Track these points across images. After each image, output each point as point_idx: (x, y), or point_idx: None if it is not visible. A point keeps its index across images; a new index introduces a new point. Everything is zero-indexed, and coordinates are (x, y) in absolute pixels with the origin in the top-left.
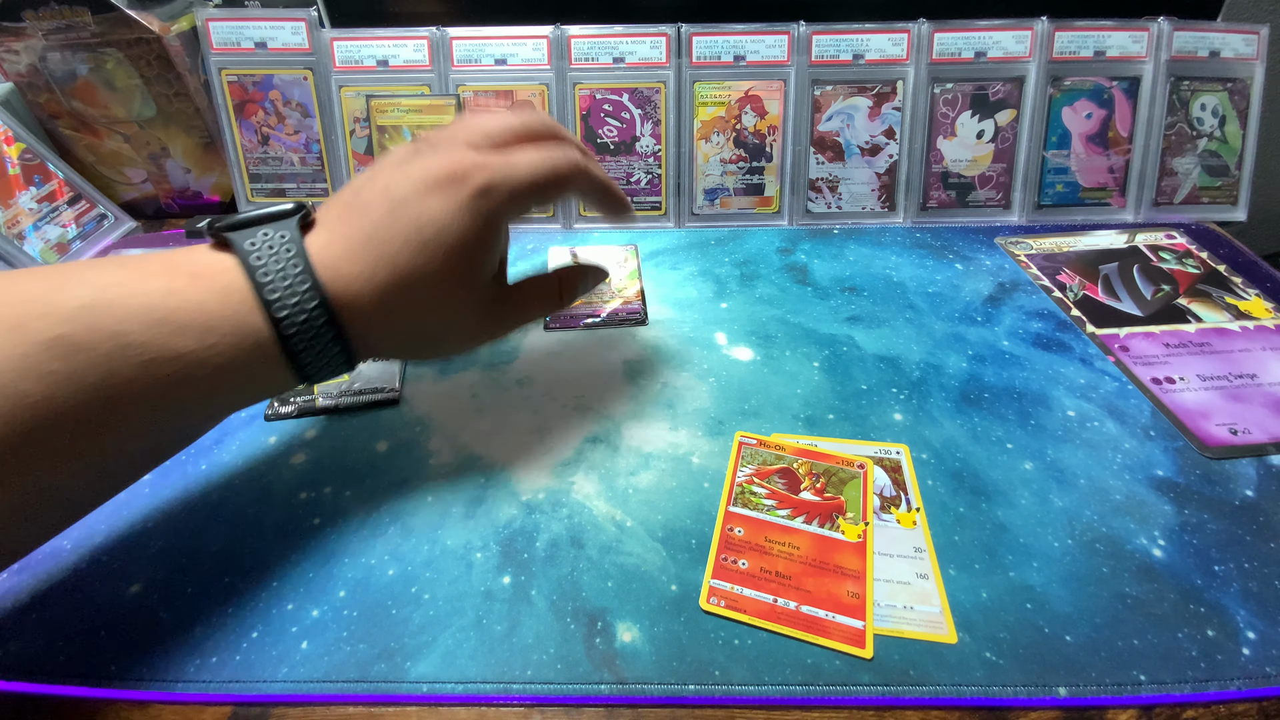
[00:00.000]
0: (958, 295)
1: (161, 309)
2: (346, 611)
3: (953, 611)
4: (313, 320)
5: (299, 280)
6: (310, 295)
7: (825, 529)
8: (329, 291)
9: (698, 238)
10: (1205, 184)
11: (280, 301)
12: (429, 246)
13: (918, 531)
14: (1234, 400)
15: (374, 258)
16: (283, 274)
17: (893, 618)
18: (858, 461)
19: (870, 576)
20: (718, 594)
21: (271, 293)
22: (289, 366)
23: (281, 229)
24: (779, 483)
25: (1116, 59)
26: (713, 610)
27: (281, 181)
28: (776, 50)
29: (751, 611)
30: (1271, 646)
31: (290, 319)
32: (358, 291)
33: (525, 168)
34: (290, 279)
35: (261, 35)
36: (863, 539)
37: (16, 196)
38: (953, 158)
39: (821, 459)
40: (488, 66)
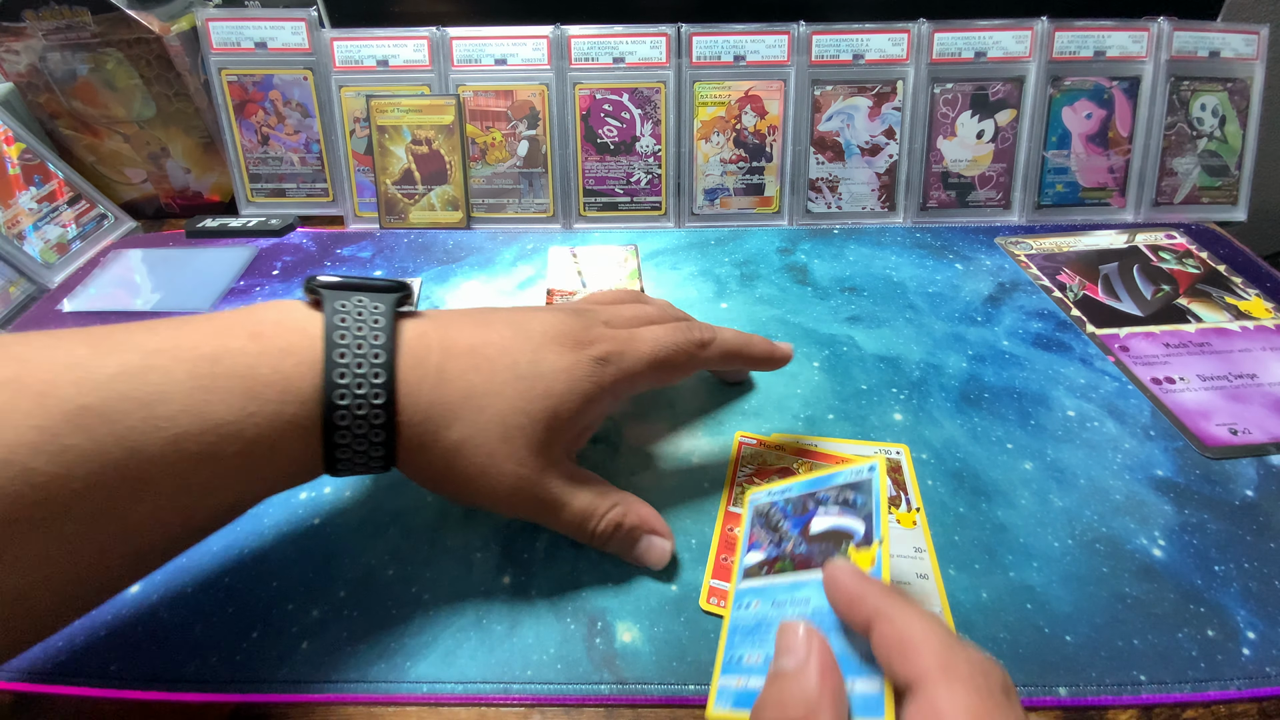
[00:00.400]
0: (958, 295)
1: (206, 374)
2: (346, 611)
3: (952, 611)
4: (370, 403)
5: (374, 356)
6: (379, 373)
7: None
8: (402, 383)
9: (698, 238)
10: (1205, 184)
11: (345, 369)
12: (534, 381)
13: (918, 531)
14: (1234, 400)
15: (469, 366)
16: (360, 346)
17: None
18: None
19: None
20: (718, 594)
21: (340, 359)
22: (320, 452)
23: (378, 301)
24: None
25: (1116, 59)
26: (713, 610)
27: (281, 181)
28: (776, 50)
29: None
30: (1271, 646)
31: (347, 392)
32: (431, 389)
33: (647, 345)
34: (366, 353)
35: (261, 35)
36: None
37: (16, 196)
38: (953, 158)
39: (821, 459)
40: (488, 66)
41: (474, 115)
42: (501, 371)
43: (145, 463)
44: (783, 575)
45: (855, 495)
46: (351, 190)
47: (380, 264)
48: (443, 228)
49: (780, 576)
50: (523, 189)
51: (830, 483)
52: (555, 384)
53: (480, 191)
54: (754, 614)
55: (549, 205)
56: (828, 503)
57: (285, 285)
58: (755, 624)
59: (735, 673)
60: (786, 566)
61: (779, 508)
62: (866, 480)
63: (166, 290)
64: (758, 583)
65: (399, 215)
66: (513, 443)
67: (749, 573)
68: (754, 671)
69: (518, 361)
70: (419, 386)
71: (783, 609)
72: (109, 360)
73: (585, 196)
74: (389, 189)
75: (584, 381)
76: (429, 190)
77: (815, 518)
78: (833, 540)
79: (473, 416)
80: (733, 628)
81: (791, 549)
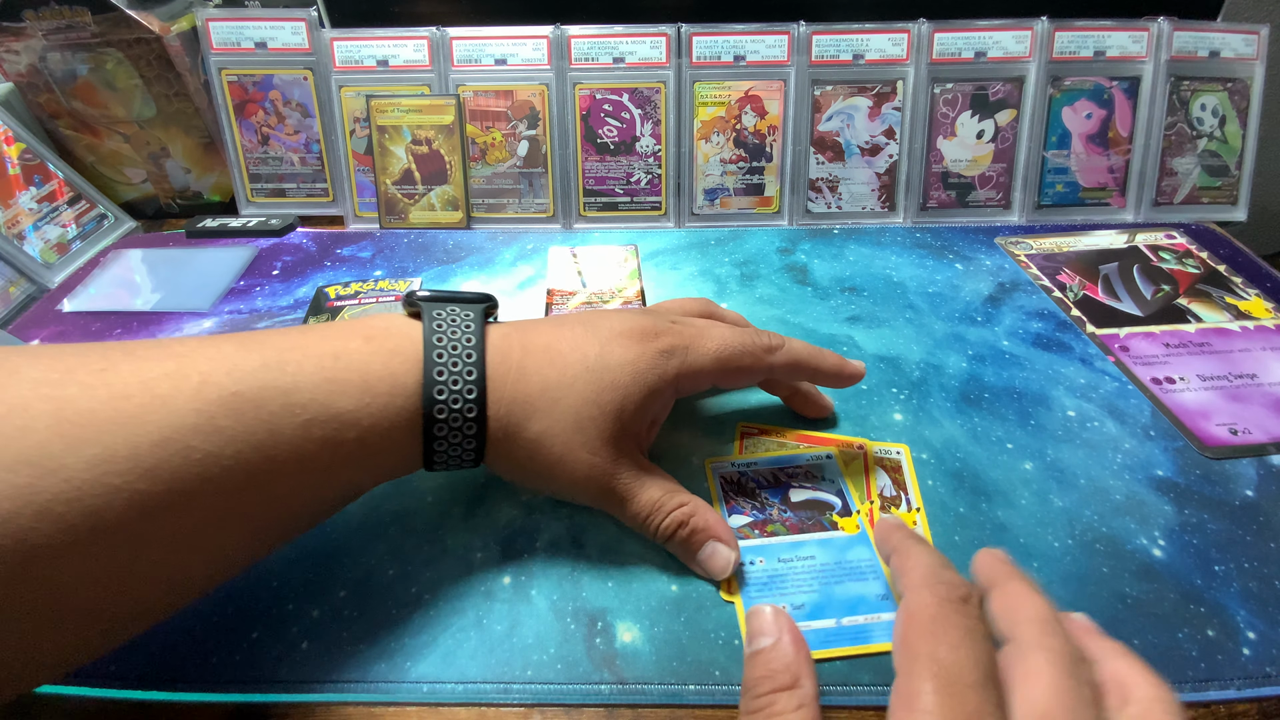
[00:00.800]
0: (958, 295)
1: (330, 369)
2: (346, 611)
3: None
4: (463, 395)
5: (467, 356)
6: (471, 373)
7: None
8: (488, 382)
9: (698, 238)
10: (1205, 184)
11: (442, 367)
12: (603, 373)
13: (918, 531)
14: (1234, 400)
15: (544, 361)
16: (455, 348)
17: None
18: (857, 443)
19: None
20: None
21: (438, 359)
22: (421, 446)
23: (468, 310)
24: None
25: (1116, 59)
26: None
27: (281, 181)
28: (776, 50)
29: None
30: (1271, 646)
31: (444, 386)
32: (512, 384)
33: (714, 343)
34: (460, 355)
35: (261, 35)
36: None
37: (16, 196)
38: (953, 158)
39: (822, 443)
40: (488, 66)
41: (474, 115)
42: (573, 365)
43: (281, 444)
44: (777, 537)
45: (822, 473)
46: (351, 190)
47: (380, 264)
48: (443, 228)
49: (775, 538)
50: (523, 189)
51: (794, 462)
52: (621, 376)
53: (480, 191)
54: (763, 569)
55: (549, 205)
56: (798, 477)
57: (285, 285)
58: (768, 579)
59: None
60: (780, 530)
61: (749, 478)
62: (828, 463)
63: (166, 290)
64: (754, 543)
65: (399, 215)
66: (585, 432)
67: (740, 534)
68: None
69: (587, 355)
70: (503, 383)
71: (790, 564)
72: (253, 355)
73: (585, 196)
74: (389, 189)
75: (648, 373)
76: (429, 190)
77: (792, 489)
78: (816, 509)
79: (549, 409)
80: (745, 583)
81: (778, 514)
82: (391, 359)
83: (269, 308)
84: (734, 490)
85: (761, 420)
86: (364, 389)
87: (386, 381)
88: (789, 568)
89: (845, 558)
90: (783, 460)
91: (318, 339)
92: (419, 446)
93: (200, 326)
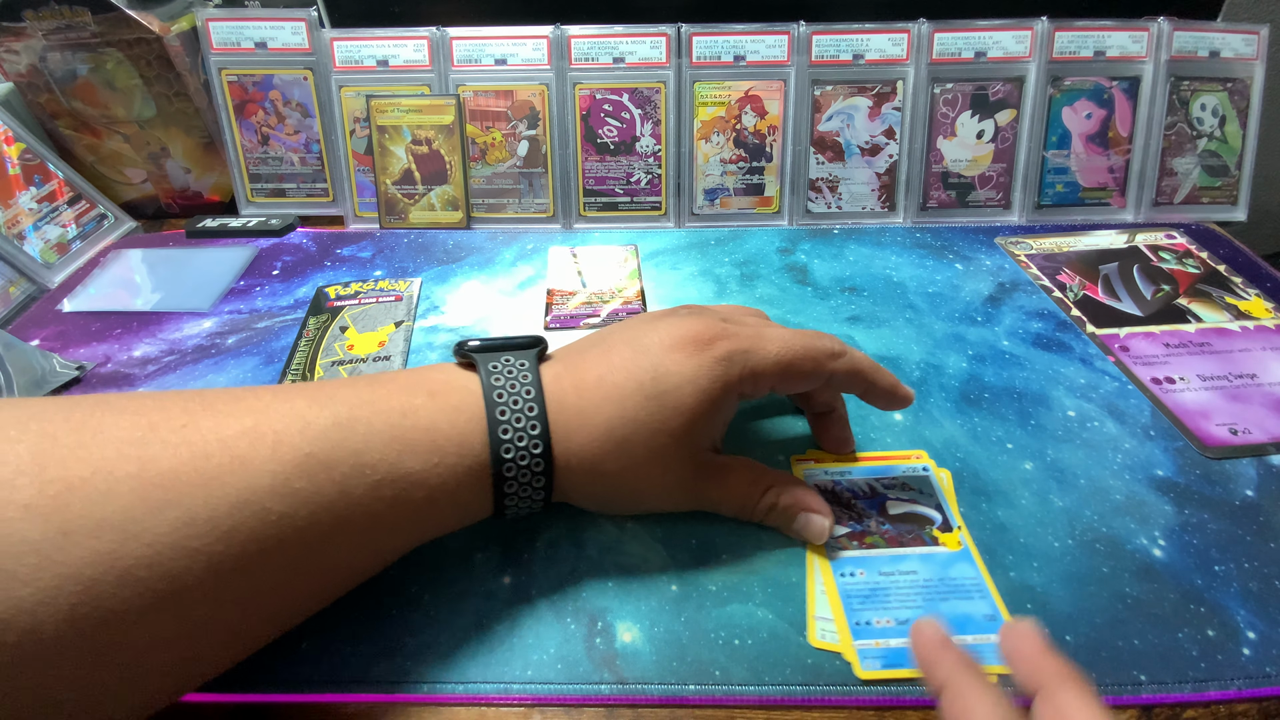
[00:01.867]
0: (958, 295)
1: (398, 428)
2: (346, 611)
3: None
4: (529, 450)
5: (528, 407)
6: (535, 425)
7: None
8: (552, 428)
9: (698, 238)
10: (1205, 184)
11: (506, 424)
12: (664, 398)
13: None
14: (1234, 400)
15: (601, 398)
16: (515, 401)
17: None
18: (914, 455)
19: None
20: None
21: (501, 416)
22: (492, 497)
23: (522, 358)
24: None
25: (1116, 59)
26: (826, 646)
27: (281, 181)
28: (776, 50)
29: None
30: (1271, 646)
31: (510, 443)
32: (576, 429)
33: (775, 344)
34: (521, 408)
35: (261, 35)
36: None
37: (16, 196)
38: (953, 158)
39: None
40: (488, 66)
41: (474, 115)
42: (631, 397)
43: (351, 504)
44: (876, 549)
45: (919, 486)
46: (351, 190)
47: (380, 264)
48: (443, 228)
49: (874, 550)
50: (523, 189)
51: (889, 473)
52: (684, 398)
53: (480, 191)
54: (864, 581)
55: (549, 205)
56: (894, 489)
57: (285, 285)
58: (870, 591)
59: (869, 636)
60: (879, 542)
61: (844, 487)
62: (924, 476)
63: (166, 290)
64: (853, 554)
65: (399, 215)
66: (663, 461)
67: (839, 544)
68: (889, 634)
69: (643, 384)
70: (566, 430)
71: (892, 578)
72: (325, 412)
73: (585, 196)
74: (389, 189)
75: (711, 387)
76: (429, 190)
77: (889, 501)
78: (915, 522)
79: (618, 449)
80: (845, 594)
81: (876, 526)
82: (457, 416)
83: (269, 308)
84: (829, 499)
85: (761, 419)
86: (432, 449)
87: (454, 441)
88: (891, 581)
89: (949, 574)
90: (877, 471)
91: (385, 394)
92: (488, 499)
93: (200, 326)
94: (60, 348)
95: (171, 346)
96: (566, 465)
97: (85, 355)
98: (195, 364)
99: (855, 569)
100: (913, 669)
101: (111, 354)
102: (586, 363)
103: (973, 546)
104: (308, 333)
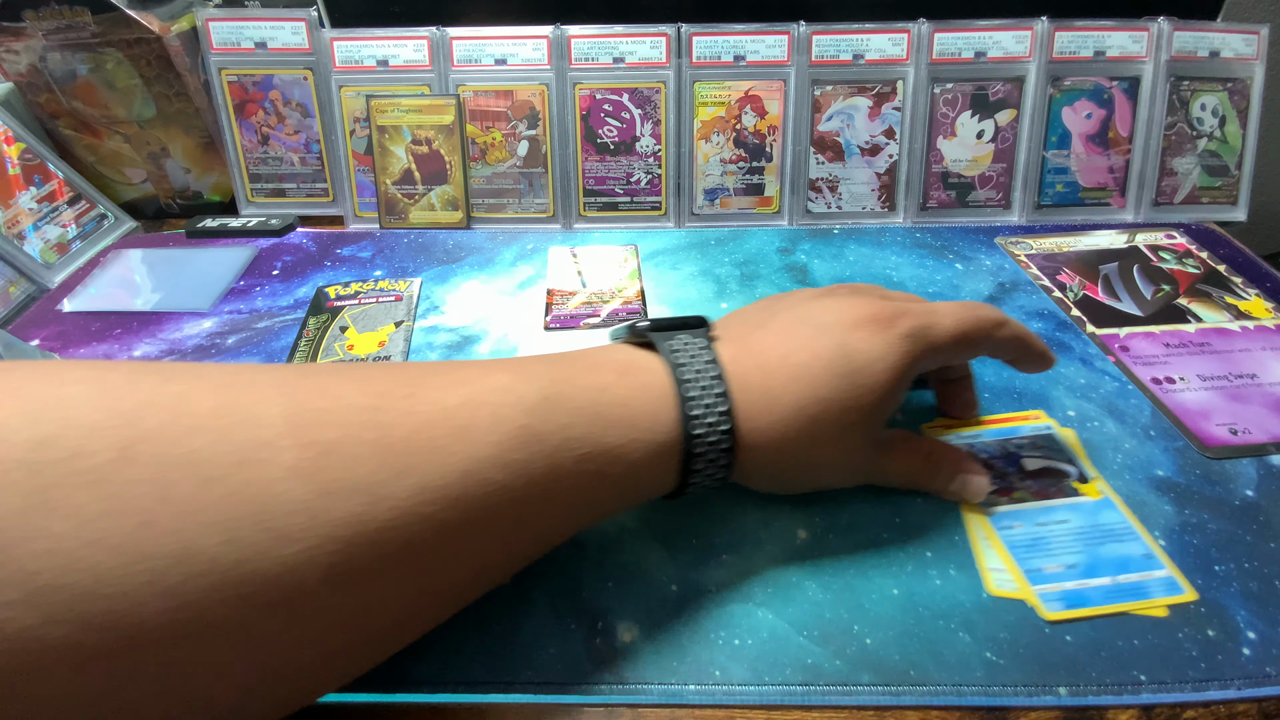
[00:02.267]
0: (958, 295)
1: (598, 404)
2: None
3: (953, 612)
4: (717, 428)
5: (714, 386)
6: (721, 403)
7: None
8: (738, 407)
9: (698, 238)
10: (1205, 184)
11: (695, 402)
12: (855, 376)
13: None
14: (1234, 400)
15: (789, 378)
16: (699, 378)
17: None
18: (1032, 415)
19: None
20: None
21: (689, 393)
22: (678, 473)
23: (697, 337)
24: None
25: (1116, 59)
26: (1005, 594)
27: (281, 182)
28: (776, 50)
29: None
30: (1271, 646)
31: (700, 421)
32: (763, 409)
33: (949, 318)
34: (706, 384)
35: (261, 35)
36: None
37: (16, 196)
38: (953, 158)
39: (996, 423)
40: (488, 66)
41: (474, 115)
42: (821, 375)
43: (559, 477)
44: (1025, 503)
45: (1047, 443)
46: (351, 190)
47: (380, 264)
48: (443, 228)
49: (1024, 504)
50: (523, 189)
51: (1016, 434)
52: (877, 375)
53: (480, 191)
54: (1024, 533)
55: (549, 205)
56: (1025, 448)
57: (285, 285)
58: (1032, 541)
59: (1046, 581)
60: (1026, 497)
61: (980, 449)
62: (1050, 434)
63: (166, 290)
64: (1006, 509)
65: (399, 215)
66: (849, 437)
67: (990, 501)
68: (1063, 578)
69: (832, 361)
70: (753, 409)
71: (1048, 528)
72: (531, 386)
73: (585, 196)
74: (389, 189)
75: (900, 363)
76: (429, 190)
77: (1024, 459)
78: (1053, 477)
79: (808, 427)
80: (1011, 545)
81: (1019, 482)
82: (647, 394)
83: (269, 308)
84: None
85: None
86: (629, 425)
87: (649, 418)
88: (1048, 531)
89: (1098, 521)
90: (1004, 433)
91: (581, 371)
92: (674, 476)
93: (200, 326)
94: (60, 348)
95: (171, 346)
96: (752, 444)
97: (85, 355)
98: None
99: (1012, 522)
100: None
101: (111, 354)
102: (763, 343)
103: (1113, 494)
104: (308, 332)
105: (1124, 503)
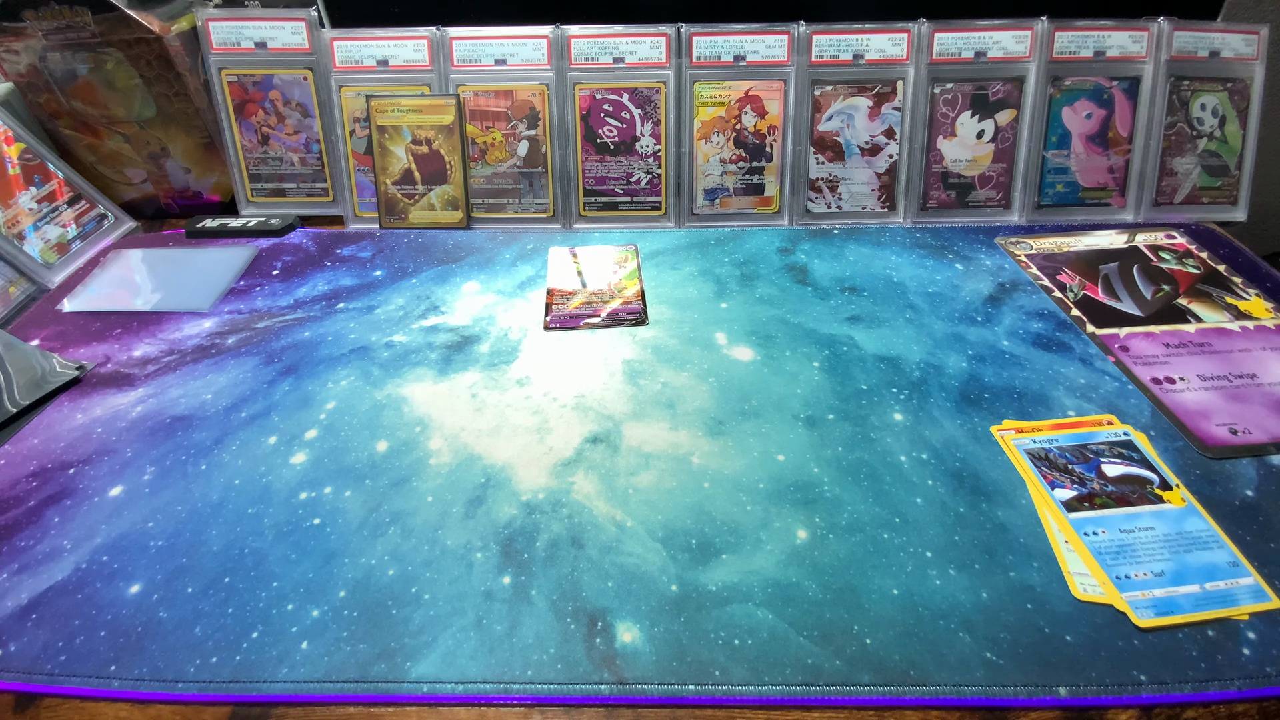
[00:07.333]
0: (958, 295)
1: None
2: (346, 611)
3: (953, 612)
4: None
5: None
6: None
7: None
8: None
9: (698, 238)
10: (1205, 184)
11: None
12: None
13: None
14: (1234, 400)
15: None
16: None
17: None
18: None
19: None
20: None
21: None
22: None
23: None
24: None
25: (1116, 59)
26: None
27: (281, 181)
28: (776, 50)
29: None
30: (1271, 646)
31: None
32: None
33: None
34: None
35: (261, 35)
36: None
37: (16, 196)
38: (953, 158)
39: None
40: (488, 66)
41: (474, 115)
42: None
43: None
44: (1107, 510)
45: (1126, 450)
46: (351, 190)
47: (380, 264)
48: (443, 228)
49: (1107, 510)
50: (523, 189)
51: (1094, 439)
52: None
53: (480, 191)
54: (1108, 540)
55: (549, 205)
56: (1105, 454)
57: (285, 285)
58: (1118, 548)
59: (1135, 588)
60: (1108, 502)
61: (1057, 455)
62: (1129, 439)
63: (166, 290)
64: (1087, 515)
65: (399, 215)
66: None
67: (1071, 506)
68: (1152, 585)
69: None
70: None
71: (1133, 535)
72: None
73: (585, 196)
74: (389, 189)
75: None
76: (429, 190)
77: (1104, 464)
78: (1135, 483)
79: None
80: (1096, 551)
81: (1100, 488)
82: None
83: (269, 308)
84: (1045, 465)
85: (761, 421)
86: None
87: None
88: (1134, 538)
89: (1184, 529)
90: (1080, 438)
91: None
92: None
93: (200, 326)
94: (60, 348)
95: (171, 346)
96: None
97: (85, 355)
98: (195, 364)
99: (1097, 528)
100: (1186, 615)
101: (111, 354)
102: None
103: (1196, 501)
104: None
105: (1207, 510)
